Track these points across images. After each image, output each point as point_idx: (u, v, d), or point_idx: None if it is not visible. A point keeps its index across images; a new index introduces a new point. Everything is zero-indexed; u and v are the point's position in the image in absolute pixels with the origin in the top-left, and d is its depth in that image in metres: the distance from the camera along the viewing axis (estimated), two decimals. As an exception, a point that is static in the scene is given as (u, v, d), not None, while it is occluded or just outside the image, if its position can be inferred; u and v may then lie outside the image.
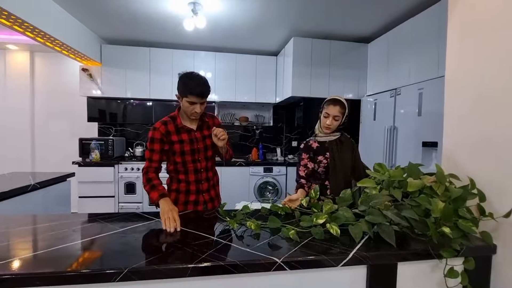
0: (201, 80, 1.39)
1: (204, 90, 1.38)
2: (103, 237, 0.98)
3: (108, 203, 3.43)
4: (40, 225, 1.11)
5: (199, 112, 1.43)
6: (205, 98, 1.41)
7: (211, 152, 1.56)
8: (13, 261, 0.79)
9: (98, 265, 0.79)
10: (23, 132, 3.81)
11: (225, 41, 3.50)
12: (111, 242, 0.95)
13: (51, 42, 2.73)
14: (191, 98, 1.38)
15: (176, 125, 1.48)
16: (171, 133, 1.46)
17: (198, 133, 1.51)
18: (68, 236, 1.00)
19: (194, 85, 1.37)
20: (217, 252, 0.88)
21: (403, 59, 2.55)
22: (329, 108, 1.51)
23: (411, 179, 1.04)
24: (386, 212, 0.98)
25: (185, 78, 1.39)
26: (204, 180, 1.54)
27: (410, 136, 2.30)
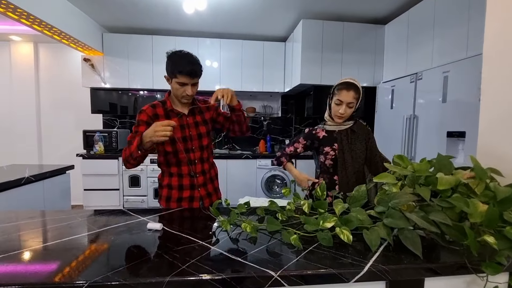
0: (191, 58, 1.24)
1: (195, 68, 1.23)
2: (71, 241, 0.85)
3: (113, 196, 3.38)
4: (9, 224, 0.99)
5: (190, 95, 1.28)
6: (196, 78, 1.27)
7: (206, 141, 1.40)
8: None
9: (50, 277, 0.65)
10: (30, 124, 3.79)
11: (230, 26, 3.31)
12: (78, 246, 0.82)
13: (48, 30, 2.63)
14: (181, 78, 1.23)
15: (165, 108, 1.33)
16: (159, 116, 1.32)
17: (190, 118, 1.36)
18: (31, 239, 0.87)
19: (184, 64, 1.21)
20: (201, 261, 0.73)
21: (425, 40, 2.29)
22: (341, 94, 1.30)
23: (441, 174, 0.84)
24: (410, 215, 0.79)
25: (174, 56, 1.25)
26: (199, 173, 1.38)
27: (433, 126, 2.06)
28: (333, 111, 1.35)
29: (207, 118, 1.44)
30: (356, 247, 0.82)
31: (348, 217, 0.89)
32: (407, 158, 1.02)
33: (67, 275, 0.65)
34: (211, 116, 1.47)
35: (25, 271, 0.67)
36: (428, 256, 0.77)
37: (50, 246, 0.81)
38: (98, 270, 0.68)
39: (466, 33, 1.87)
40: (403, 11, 2.63)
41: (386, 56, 2.95)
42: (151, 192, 3.41)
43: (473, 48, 1.82)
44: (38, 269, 0.68)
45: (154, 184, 3.38)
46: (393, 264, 0.73)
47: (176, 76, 1.23)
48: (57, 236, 0.88)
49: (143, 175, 3.38)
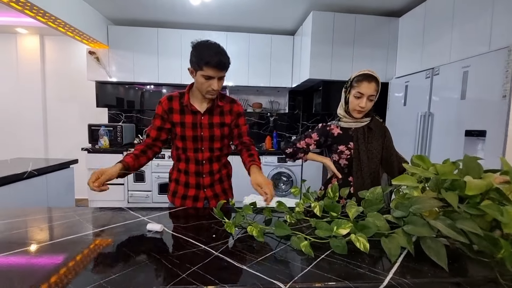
0: (219, 49, 1.14)
1: (223, 60, 1.13)
2: (64, 242, 0.80)
3: (118, 191, 3.36)
4: (5, 221, 0.94)
5: (216, 90, 1.17)
6: (224, 71, 1.16)
7: (219, 144, 1.30)
8: None
9: (45, 283, 0.60)
10: (36, 117, 3.79)
11: (237, 19, 3.22)
12: (71, 249, 0.76)
13: (53, 22, 2.59)
14: (207, 70, 1.12)
15: (181, 102, 1.24)
16: (174, 111, 1.24)
17: (205, 117, 1.26)
18: (19, 240, 0.82)
19: (212, 54, 1.10)
20: (203, 269, 0.67)
21: (443, 33, 2.17)
22: (362, 86, 1.21)
23: (469, 177, 0.76)
24: (435, 223, 0.71)
25: (200, 47, 1.13)
26: (206, 173, 1.31)
27: (449, 124, 1.95)
28: (351, 106, 1.26)
29: (226, 121, 1.30)
30: (373, 256, 0.75)
31: (365, 223, 0.82)
32: (428, 159, 0.93)
33: (55, 283, 0.60)
34: (232, 120, 1.32)
35: (8, 277, 0.62)
36: (454, 268, 0.70)
37: (39, 249, 0.76)
38: (90, 276, 0.62)
39: (489, 25, 1.75)
40: (419, 3, 2.50)
41: (399, 50, 2.82)
42: (155, 188, 3.38)
43: (497, 41, 1.70)
44: (22, 276, 0.62)
45: (158, 179, 3.35)
46: (415, 277, 0.65)
47: (202, 68, 1.12)
48: (49, 237, 0.83)
49: (147, 171, 3.34)
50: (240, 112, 1.34)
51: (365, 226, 0.82)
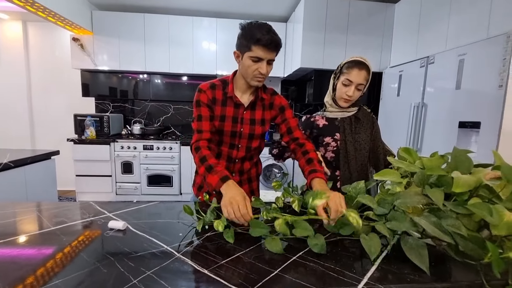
0: (271, 28, 1.00)
1: (276, 39, 0.99)
2: (15, 241, 0.72)
3: (106, 182, 3.28)
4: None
5: (264, 74, 1.03)
6: (275, 53, 1.02)
7: (257, 143, 1.17)
8: None
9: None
10: (21, 106, 3.66)
11: (228, 4, 3.08)
12: (19, 249, 0.69)
13: (31, 6, 2.44)
14: (256, 51, 0.98)
15: (225, 93, 1.11)
16: (217, 101, 1.10)
17: (247, 112, 1.13)
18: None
19: (264, 33, 0.97)
20: (158, 273, 0.60)
21: (440, 19, 2.07)
22: (352, 74, 1.12)
23: (457, 173, 0.69)
24: (419, 219, 0.65)
25: (250, 26, 1.01)
26: (236, 172, 1.19)
27: (443, 115, 1.88)
28: (338, 93, 1.17)
29: (266, 118, 1.17)
30: (350, 257, 0.69)
31: (343, 220, 0.75)
32: (415, 152, 0.86)
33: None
34: (273, 116, 1.18)
35: None
36: (437, 271, 0.64)
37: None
38: (28, 283, 0.55)
39: (488, 10, 1.65)
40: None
41: (395, 38, 2.71)
42: (144, 179, 3.30)
43: (496, 27, 1.61)
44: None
45: (147, 171, 3.27)
46: (392, 282, 0.59)
47: (251, 48, 0.99)
48: (8, 233, 0.76)
49: (135, 162, 3.26)
50: (283, 105, 1.17)
51: (344, 223, 0.76)
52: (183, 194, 3.39)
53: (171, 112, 3.78)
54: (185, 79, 3.60)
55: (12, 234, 0.77)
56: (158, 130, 3.60)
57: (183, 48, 3.28)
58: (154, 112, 3.76)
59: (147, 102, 3.72)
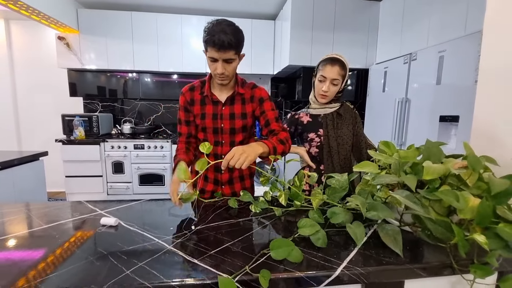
0: (226, 27, 0.98)
1: (223, 38, 0.96)
2: (8, 239, 0.74)
3: (96, 182, 3.26)
4: None
5: (221, 74, 1.05)
6: (227, 52, 1.00)
7: (241, 137, 1.19)
8: None
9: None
10: (5, 107, 3.58)
11: (216, 2, 3.08)
12: (12, 247, 0.71)
13: (14, 4, 2.39)
14: (210, 51, 1.00)
15: (202, 92, 1.15)
16: (195, 102, 1.16)
17: (226, 108, 1.15)
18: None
19: (214, 33, 0.97)
20: (150, 264, 0.63)
21: (421, 18, 2.14)
22: (325, 70, 1.18)
23: (428, 162, 0.74)
24: (394, 193, 0.69)
25: (208, 25, 1.00)
26: (224, 169, 1.23)
27: (425, 110, 1.96)
28: (316, 90, 1.23)
29: (248, 111, 1.18)
30: (332, 244, 0.73)
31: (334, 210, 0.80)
32: (394, 145, 0.91)
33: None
34: (254, 109, 1.19)
35: None
36: (410, 255, 0.69)
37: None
38: (25, 277, 0.57)
39: (465, 8, 1.73)
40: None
41: (380, 35, 2.79)
42: (136, 179, 3.29)
43: (472, 25, 1.68)
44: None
45: (138, 170, 3.27)
46: (370, 266, 0.64)
47: (207, 49, 1.02)
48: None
49: (126, 161, 3.25)
50: (262, 97, 1.18)
51: (334, 212, 0.80)
52: (175, 192, 3.40)
53: (161, 111, 3.77)
54: (175, 77, 3.60)
55: (2, 234, 0.78)
56: (149, 129, 3.59)
57: (172, 46, 3.27)
58: (144, 111, 3.74)
59: (137, 101, 3.69)
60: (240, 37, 1.03)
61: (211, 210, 0.99)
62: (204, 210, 0.98)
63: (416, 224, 0.78)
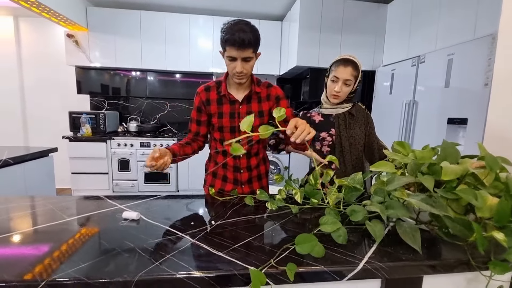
0: (244, 26, 1.01)
1: (242, 36, 0.99)
2: (33, 232, 0.76)
3: (102, 180, 3.29)
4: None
5: (240, 73, 1.07)
6: (247, 51, 1.03)
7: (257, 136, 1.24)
8: None
9: (10, 273, 0.57)
10: (13, 103, 3.61)
11: (224, 2, 3.11)
12: (40, 238, 0.73)
13: (25, 2, 2.42)
14: (229, 51, 1.03)
15: (219, 92, 1.17)
16: (211, 102, 1.18)
17: (243, 106, 1.18)
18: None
19: (233, 32, 0.99)
20: (177, 256, 0.65)
21: (430, 20, 2.16)
22: (338, 70, 1.20)
23: (446, 163, 0.76)
24: (409, 199, 0.71)
25: (227, 25, 1.04)
26: (244, 168, 1.23)
27: (433, 112, 1.97)
28: (328, 90, 1.25)
29: (264, 109, 1.20)
30: (351, 241, 0.75)
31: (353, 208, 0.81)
32: (408, 145, 0.93)
33: (20, 273, 0.57)
34: (270, 107, 1.21)
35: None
36: (428, 252, 0.71)
37: (6, 238, 0.72)
38: (58, 266, 0.60)
39: (475, 12, 1.75)
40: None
41: (387, 37, 2.81)
42: (141, 176, 3.32)
43: (482, 29, 1.70)
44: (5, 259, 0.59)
45: (144, 168, 3.29)
46: (389, 261, 0.66)
47: (225, 48, 1.04)
48: (18, 226, 0.79)
49: (132, 159, 3.27)
50: (279, 95, 1.21)
51: (354, 210, 0.81)
52: (180, 191, 3.43)
53: (167, 110, 3.79)
54: (181, 77, 3.62)
55: (29, 226, 0.80)
56: (155, 127, 3.61)
57: (180, 46, 3.30)
58: (150, 110, 3.77)
59: (143, 99, 3.72)
60: (257, 35, 1.07)
61: (228, 207, 1.00)
62: (221, 207, 1.00)
63: (432, 222, 0.80)
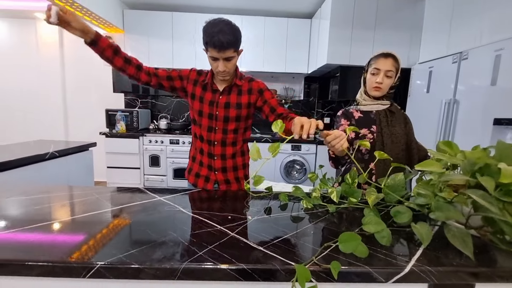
0: (224, 27, 1.05)
1: (222, 39, 1.04)
2: (87, 218, 0.82)
3: (135, 174, 3.45)
4: (29, 197, 0.98)
5: (222, 72, 1.14)
6: (226, 52, 1.08)
7: (233, 126, 1.27)
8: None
9: (67, 256, 0.61)
10: (57, 101, 3.90)
11: (252, 1, 3.12)
12: (91, 225, 0.78)
13: (70, 6, 2.60)
14: (211, 51, 1.09)
15: (205, 79, 1.26)
16: (198, 84, 1.26)
17: (223, 97, 1.25)
18: (48, 213, 0.85)
19: (213, 34, 1.04)
20: (219, 247, 0.67)
21: (474, 14, 2.01)
22: (379, 62, 1.18)
23: (503, 164, 0.70)
24: (471, 192, 0.66)
25: (207, 26, 1.08)
26: (217, 155, 1.30)
27: (477, 112, 1.84)
28: (369, 84, 1.22)
29: (243, 101, 1.26)
30: (396, 244, 0.73)
31: (398, 209, 0.78)
32: (456, 145, 0.88)
33: (77, 256, 0.61)
34: (250, 101, 1.26)
35: (37, 248, 0.64)
36: (481, 258, 0.66)
37: (60, 224, 0.78)
38: (110, 251, 0.63)
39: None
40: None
41: (424, 33, 2.66)
42: (170, 173, 3.44)
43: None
44: (43, 249, 0.64)
45: (173, 164, 3.41)
46: (438, 266, 0.62)
47: (207, 48, 1.11)
48: (70, 213, 0.86)
49: (162, 155, 3.40)
50: (261, 88, 1.27)
51: (399, 211, 0.78)
52: (206, 187, 3.50)
53: (195, 108, 3.89)
54: (209, 76, 3.70)
55: (80, 213, 0.86)
56: (183, 125, 3.73)
57: (209, 45, 3.37)
58: (178, 108, 3.90)
59: (173, 98, 3.85)
60: (238, 35, 1.11)
61: (261, 202, 1.01)
62: (256, 202, 1.01)
63: (484, 227, 0.75)
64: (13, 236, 0.69)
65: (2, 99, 3.91)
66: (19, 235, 0.69)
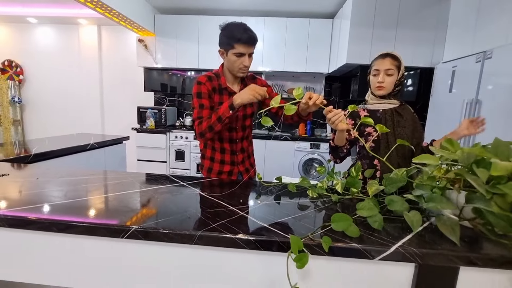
0: (246, 26, 1.24)
1: (253, 35, 1.22)
2: (124, 195, 0.98)
3: (161, 167, 3.71)
4: (77, 177, 1.17)
5: (248, 66, 1.28)
6: (253, 47, 1.26)
7: (249, 121, 1.42)
8: (39, 207, 0.83)
9: (110, 220, 0.77)
10: (95, 99, 4.29)
11: (275, 3, 3.22)
12: (129, 199, 0.94)
13: (109, 13, 2.88)
14: (238, 48, 1.21)
15: (220, 84, 1.33)
16: (215, 91, 1.33)
17: None
18: (93, 190, 1.03)
19: (242, 32, 1.20)
20: (230, 222, 0.79)
21: (501, 12, 1.95)
22: (377, 63, 1.25)
23: (496, 159, 0.75)
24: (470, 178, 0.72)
25: (229, 26, 1.24)
26: (239, 151, 1.44)
27: (500, 112, 1.79)
28: (372, 85, 1.29)
29: None
30: (387, 229, 0.80)
31: (392, 198, 0.86)
32: (457, 143, 0.92)
33: (121, 220, 0.77)
34: None
35: (87, 216, 0.80)
36: (468, 245, 0.72)
37: (103, 198, 0.95)
38: (143, 219, 0.78)
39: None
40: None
41: (449, 32, 2.58)
42: (193, 167, 3.65)
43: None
44: (96, 215, 0.81)
45: (196, 159, 3.61)
46: (425, 248, 0.69)
47: (233, 46, 1.21)
48: (109, 191, 1.03)
49: (187, 150, 3.62)
50: (264, 84, 1.43)
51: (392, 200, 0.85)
52: (227, 182, 3.67)
53: (218, 106, 4.08)
54: (232, 76, 3.86)
55: (119, 191, 1.03)
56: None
57: (232, 47, 3.52)
58: (203, 106, 4.10)
59: (198, 97, 4.06)
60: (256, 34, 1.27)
61: (269, 191, 1.12)
62: (266, 190, 1.12)
63: (477, 219, 0.79)
64: (69, 204, 0.87)
65: (48, 97, 4.38)
66: (75, 204, 0.87)
